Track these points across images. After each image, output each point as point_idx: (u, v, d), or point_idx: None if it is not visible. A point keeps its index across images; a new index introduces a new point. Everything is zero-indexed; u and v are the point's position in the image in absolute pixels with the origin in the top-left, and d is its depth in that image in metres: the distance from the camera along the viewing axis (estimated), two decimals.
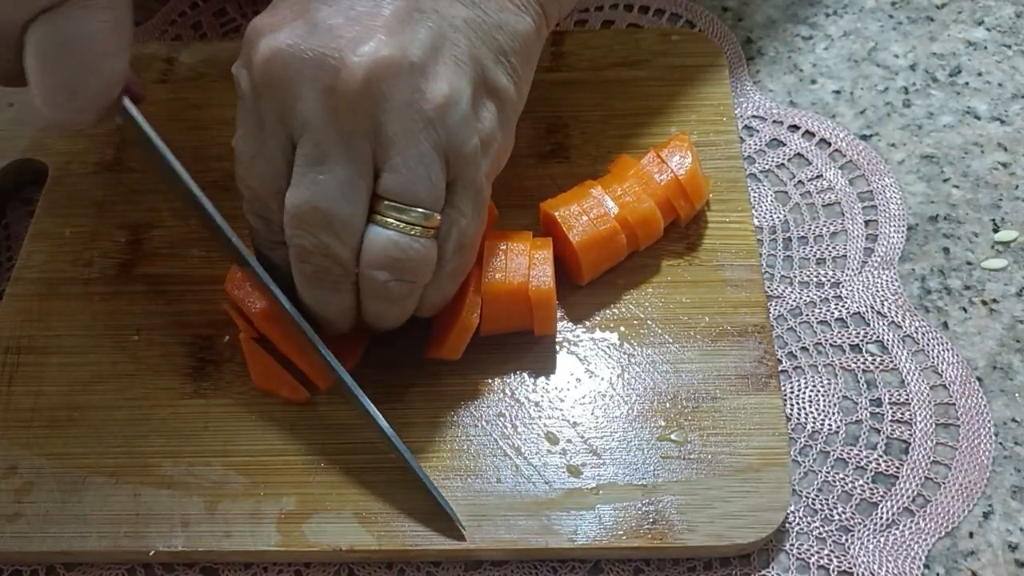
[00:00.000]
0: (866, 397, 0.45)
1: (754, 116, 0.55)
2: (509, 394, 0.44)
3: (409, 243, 0.38)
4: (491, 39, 0.39)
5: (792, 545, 0.42)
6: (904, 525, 0.42)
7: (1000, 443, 0.44)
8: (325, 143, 0.37)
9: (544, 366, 0.45)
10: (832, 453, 0.44)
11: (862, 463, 0.43)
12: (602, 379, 0.44)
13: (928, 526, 0.41)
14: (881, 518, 0.42)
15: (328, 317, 0.41)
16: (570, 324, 0.46)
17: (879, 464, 0.43)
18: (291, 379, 0.44)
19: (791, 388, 0.45)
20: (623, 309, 0.46)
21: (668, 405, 0.43)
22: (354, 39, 0.36)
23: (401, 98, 0.37)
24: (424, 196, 0.38)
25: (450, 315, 0.43)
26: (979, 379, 0.45)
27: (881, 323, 0.47)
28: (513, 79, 0.41)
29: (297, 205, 0.37)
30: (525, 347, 0.45)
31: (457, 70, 0.38)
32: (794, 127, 0.54)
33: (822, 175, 0.52)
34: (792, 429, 0.44)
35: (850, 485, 0.43)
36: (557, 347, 0.45)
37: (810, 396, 0.45)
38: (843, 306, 0.48)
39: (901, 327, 0.47)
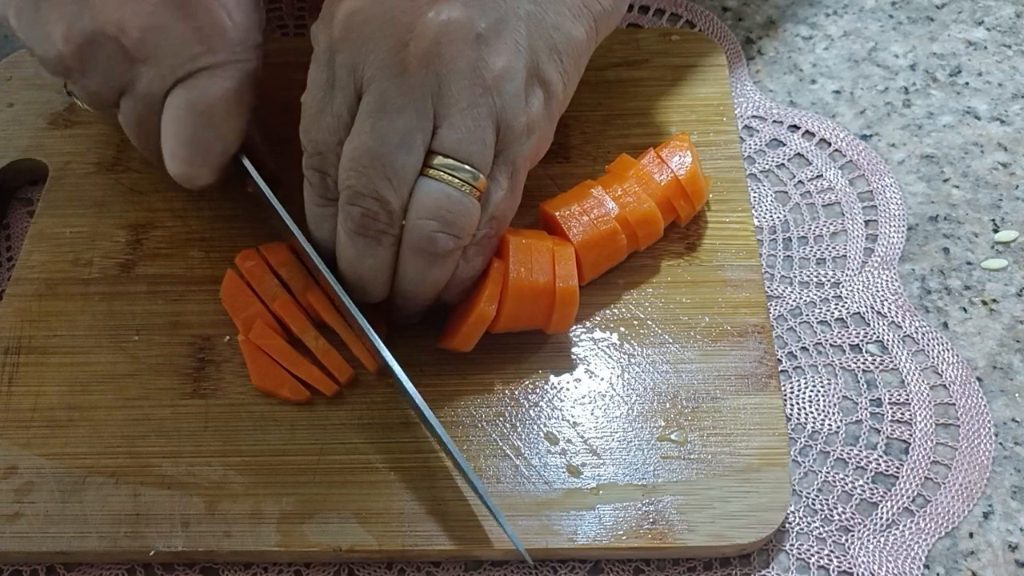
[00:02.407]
0: (866, 397, 0.45)
1: (754, 116, 0.55)
2: (509, 394, 0.44)
3: (460, 197, 0.39)
4: (547, 36, 0.41)
5: (792, 545, 0.42)
6: (904, 525, 0.42)
7: (1000, 443, 0.44)
8: (389, 94, 0.39)
9: (544, 366, 0.45)
10: (832, 453, 0.44)
11: (862, 463, 0.43)
12: (602, 379, 0.44)
13: (928, 526, 0.41)
14: (881, 518, 0.42)
15: (364, 275, 0.42)
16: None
17: (879, 464, 0.43)
18: (291, 379, 0.44)
19: (791, 388, 0.45)
20: (623, 309, 0.46)
21: (668, 405, 0.43)
22: (429, 3, 0.39)
23: (465, 62, 0.39)
24: (476, 156, 0.40)
25: (468, 305, 0.43)
26: (979, 379, 0.45)
27: (881, 323, 0.47)
28: (563, 77, 0.43)
29: (356, 148, 0.39)
30: (525, 347, 0.45)
31: (515, 51, 0.40)
32: (794, 127, 0.54)
33: (822, 175, 0.52)
34: (792, 429, 0.44)
35: (850, 485, 0.43)
36: (557, 347, 0.45)
37: (810, 396, 0.45)
38: (843, 306, 0.48)
39: (901, 327, 0.47)
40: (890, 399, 0.45)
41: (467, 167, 0.39)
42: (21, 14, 0.43)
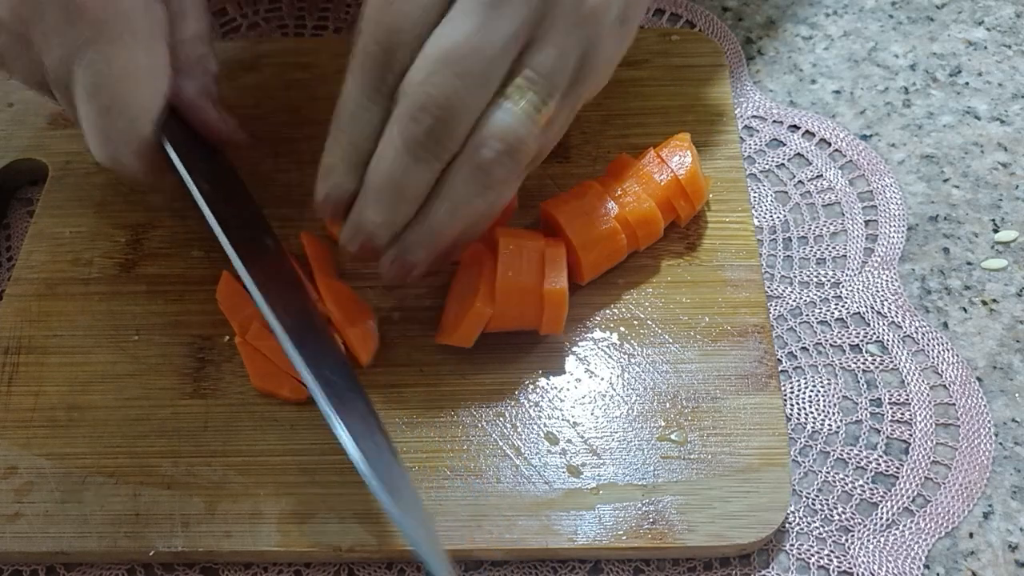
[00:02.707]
0: (866, 397, 0.45)
1: (754, 116, 0.55)
2: (509, 394, 0.44)
3: (530, 125, 0.37)
4: None
5: (792, 545, 0.42)
6: (904, 525, 0.42)
7: (1000, 443, 0.44)
8: None
9: (544, 366, 0.45)
10: (832, 453, 0.44)
11: (862, 463, 0.43)
12: (602, 379, 0.44)
13: (928, 526, 0.42)
14: (881, 518, 0.42)
15: (407, 192, 0.38)
16: (570, 324, 0.46)
17: (879, 464, 0.43)
18: (291, 379, 0.44)
19: (791, 388, 0.45)
20: (623, 309, 0.46)
21: (668, 405, 0.43)
22: None
23: None
24: (556, 83, 0.37)
25: (464, 303, 0.43)
26: (979, 379, 0.45)
27: (881, 323, 0.47)
28: (633, 25, 0.41)
29: (455, 40, 0.35)
30: (525, 347, 0.45)
31: None
32: (794, 127, 0.54)
33: (822, 175, 0.52)
34: (792, 429, 0.44)
35: (850, 485, 0.43)
36: (557, 347, 0.45)
37: (810, 396, 0.45)
38: (843, 306, 0.48)
39: (901, 327, 0.47)
40: (890, 399, 0.45)
41: (544, 92, 0.37)
42: None
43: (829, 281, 0.48)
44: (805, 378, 0.46)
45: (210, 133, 0.44)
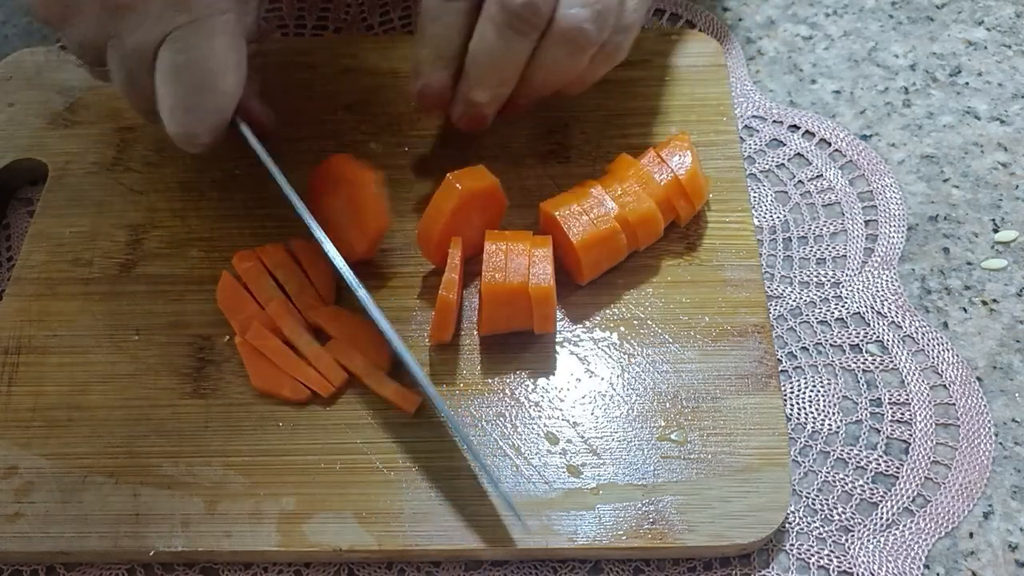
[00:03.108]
0: (866, 397, 0.45)
1: (754, 116, 0.55)
2: (509, 394, 0.44)
3: None
4: None
5: (792, 545, 0.42)
6: (904, 525, 0.42)
7: (1000, 443, 0.44)
8: None
9: (544, 366, 0.45)
10: (832, 453, 0.44)
11: (862, 463, 0.43)
12: (602, 379, 0.44)
13: (928, 526, 0.41)
14: (881, 518, 0.42)
15: (506, 70, 0.43)
16: (570, 324, 0.46)
17: (879, 464, 0.43)
18: (291, 379, 0.44)
19: (791, 388, 0.45)
20: (623, 309, 0.46)
21: (668, 405, 0.43)
22: None
23: None
24: None
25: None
26: (979, 379, 0.45)
27: (881, 323, 0.47)
28: None
29: None
30: (525, 347, 0.45)
31: None
32: (794, 127, 0.54)
33: (822, 175, 0.52)
34: (792, 429, 0.44)
35: (850, 485, 0.43)
36: (557, 347, 0.45)
37: (810, 396, 0.45)
38: (843, 306, 0.48)
39: (901, 327, 0.47)
40: (890, 399, 0.45)
41: None
42: None
43: (829, 281, 0.48)
44: (805, 378, 0.46)
45: (255, 122, 0.47)
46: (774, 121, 0.54)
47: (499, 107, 0.46)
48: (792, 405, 0.45)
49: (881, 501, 0.42)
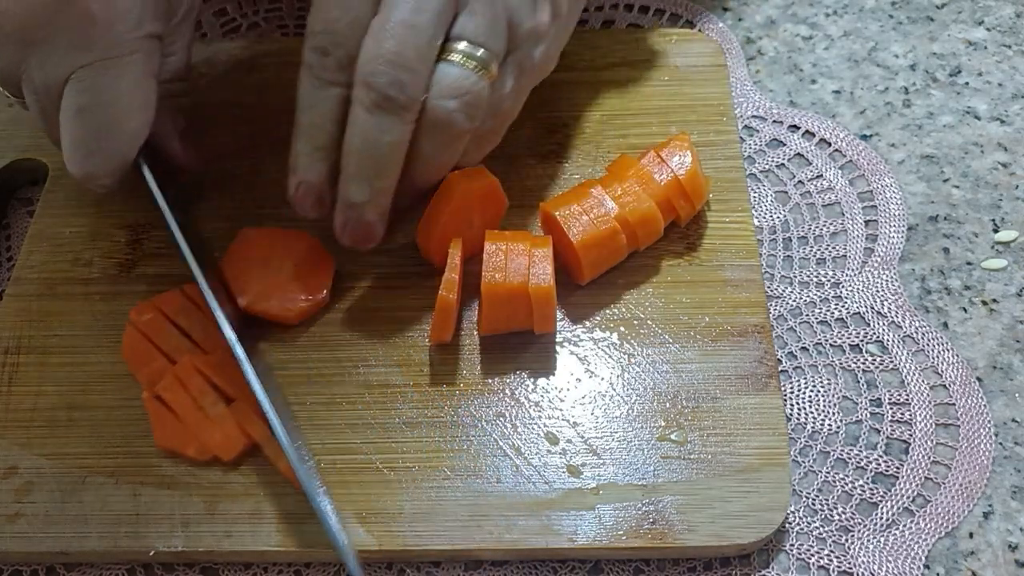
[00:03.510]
0: (866, 397, 0.45)
1: (754, 116, 0.55)
2: (509, 394, 0.44)
3: (477, 79, 0.41)
4: None
5: (792, 545, 0.42)
6: (904, 525, 0.42)
7: (1000, 443, 0.44)
8: None
9: (544, 366, 0.45)
10: (832, 453, 0.44)
11: (862, 463, 0.43)
12: (602, 379, 0.44)
13: (928, 526, 0.41)
14: (881, 518, 0.42)
15: (383, 154, 0.42)
16: (570, 324, 0.46)
17: (879, 464, 0.43)
18: (196, 439, 0.42)
19: (791, 388, 0.45)
20: (623, 309, 0.46)
21: (668, 405, 0.43)
22: None
23: None
24: (492, 44, 0.42)
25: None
26: (979, 379, 0.45)
27: (881, 323, 0.47)
28: (566, 2, 0.46)
29: (390, 17, 0.40)
30: (525, 347, 0.45)
31: None
32: (794, 127, 0.54)
33: (822, 175, 0.52)
34: (792, 429, 0.44)
35: (850, 485, 0.43)
36: (557, 347, 0.45)
37: (810, 396, 0.45)
38: (843, 306, 0.48)
39: (901, 327, 0.47)
40: (890, 399, 0.45)
41: (482, 52, 0.41)
42: None
43: (829, 281, 0.48)
44: (805, 378, 0.46)
45: (173, 160, 0.47)
46: (774, 121, 0.54)
47: (382, 213, 0.43)
48: (792, 405, 0.45)
49: (881, 501, 0.42)
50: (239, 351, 0.41)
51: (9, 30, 0.40)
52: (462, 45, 0.41)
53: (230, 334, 0.42)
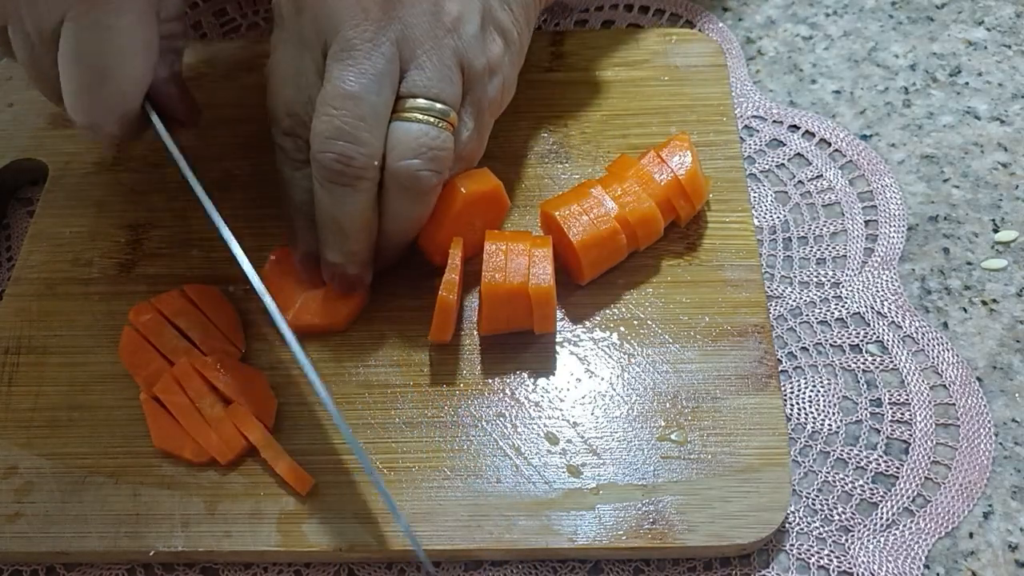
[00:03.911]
0: (866, 397, 0.45)
1: (754, 116, 0.55)
2: (509, 394, 0.44)
3: (436, 133, 0.41)
4: None
5: (792, 545, 0.42)
6: (904, 525, 0.42)
7: (1000, 443, 0.44)
8: (355, 40, 0.40)
9: (544, 366, 0.45)
10: (832, 453, 0.44)
11: (862, 463, 0.43)
12: (602, 379, 0.44)
13: (928, 526, 0.41)
14: (881, 518, 0.42)
15: (344, 224, 0.42)
16: (570, 324, 0.46)
17: (879, 464, 0.43)
18: (192, 440, 0.42)
19: (791, 388, 0.45)
20: (623, 309, 0.46)
21: (668, 405, 0.43)
22: None
23: (425, 6, 0.41)
24: (446, 94, 0.41)
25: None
26: (979, 379, 0.45)
27: (881, 323, 0.47)
28: (515, 26, 0.45)
29: (325, 92, 0.40)
30: (525, 347, 0.45)
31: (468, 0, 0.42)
32: (794, 127, 0.54)
33: (822, 175, 0.52)
34: (792, 429, 0.44)
35: (850, 485, 0.43)
36: (557, 347, 0.45)
37: (810, 396, 0.45)
38: (843, 306, 0.48)
39: (901, 327, 0.47)
40: (890, 399, 0.45)
41: (438, 104, 0.41)
42: None
43: (829, 281, 0.48)
44: (805, 378, 0.46)
45: (175, 109, 0.46)
46: (774, 121, 0.54)
47: (363, 267, 0.44)
48: (792, 405, 0.45)
49: (881, 501, 0.42)
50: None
51: None
52: (417, 102, 0.41)
53: (251, 274, 0.40)
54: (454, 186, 0.44)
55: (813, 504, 0.42)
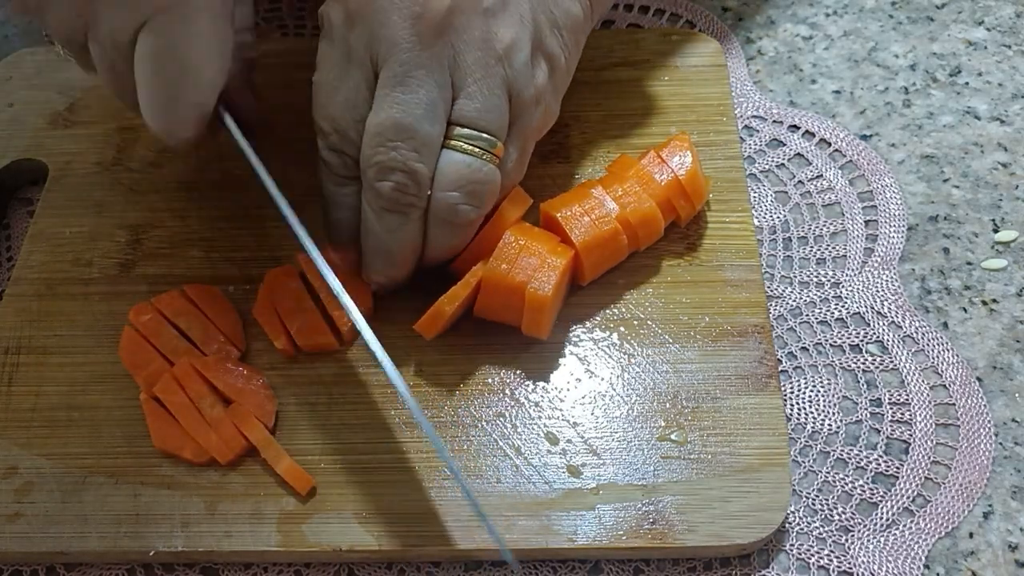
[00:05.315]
0: (866, 397, 0.45)
1: (754, 116, 0.55)
2: (509, 394, 0.44)
3: (480, 166, 0.41)
4: (548, 11, 0.43)
5: (792, 545, 0.42)
6: (904, 525, 0.42)
7: (1000, 443, 0.44)
8: (409, 65, 0.40)
9: (544, 366, 0.45)
10: (832, 453, 0.44)
11: (862, 463, 0.43)
12: (602, 379, 0.44)
13: (928, 526, 0.41)
14: (881, 518, 0.42)
15: (394, 250, 0.42)
16: (570, 324, 0.46)
17: (879, 464, 0.43)
18: (192, 441, 0.42)
19: (791, 388, 0.45)
20: (623, 309, 0.46)
21: (668, 405, 0.43)
22: None
23: (477, 33, 0.40)
24: (494, 125, 0.41)
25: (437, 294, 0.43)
26: (979, 379, 0.45)
27: (881, 323, 0.47)
28: (564, 51, 0.45)
29: (382, 121, 0.40)
30: (525, 347, 0.45)
31: (520, 25, 0.42)
32: (794, 127, 0.54)
33: (822, 175, 0.52)
34: (792, 429, 0.44)
35: (850, 485, 0.43)
36: (557, 347, 0.45)
37: (810, 396, 0.45)
38: (843, 306, 0.48)
39: (901, 327, 0.47)
40: (890, 399, 0.45)
41: (485, 135, 0.41)
42: None
43: (829, 281, 0.48)
44: (805, 378, 0.46)
45: (245, 115, 0.45)
46: (774, 121, 0.54)
47: (405, 280, 0.45)
48: (792, 405, 0.45)
49: (881, 501, 0.42)
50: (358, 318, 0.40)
51: None
52: (464, 131, 0.41)
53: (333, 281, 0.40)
54: (502, 217, 0.44)
55: (813, 504, 0.42)
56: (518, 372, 0.45)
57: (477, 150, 0.41)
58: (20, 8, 0.41)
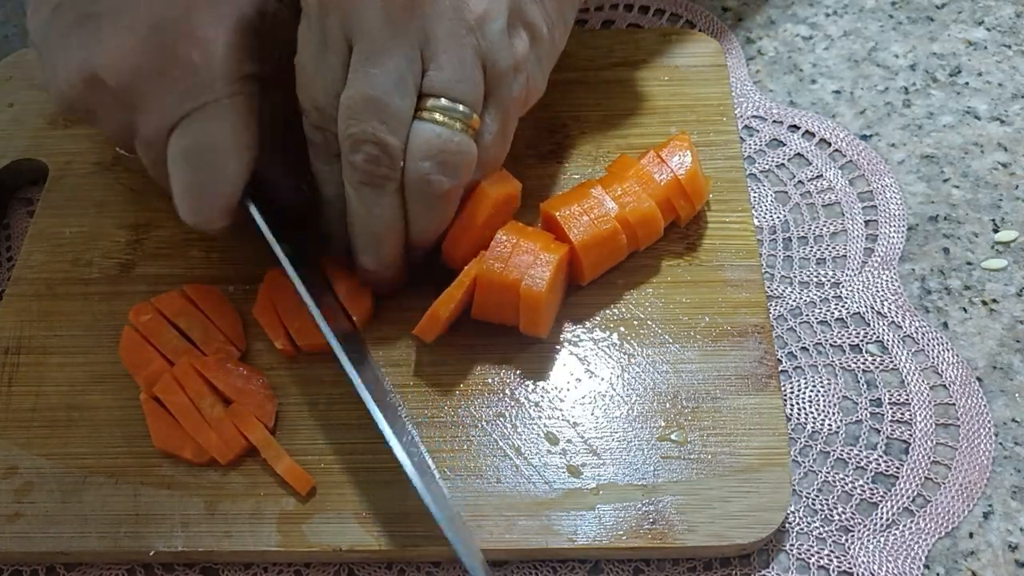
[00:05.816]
0: (866, 397, 0.45)
1: (754, 116, 0.55)
2: (509, 394, 0.44)
3: (451, 135, 0.40)
4: None
5: (792, 545, 0.42)
6: (904, 525, 0.42)
7: (1000, 443, 0.44)
8: (379, 42, 0.40)
9: (544, 366, 0.45)
10: (832, 453, 0.44)
11: (862, 463, 0.43)
12: (602, 379, 0.44)
13: (928, 526, 0.42)
14: (881, 518, 0.42)
15: (375, 228, 0.42)
16: (570, 324, 0.46)
17: (879, 464, 0.43)
18: (193, 441, 0.42)
19: (791, 388, 0.45)
20: (623, 309, 0.46)
21: (668, 405, 0.43)
22: None
23: (448, 3, 0.40)
24: (467, 94, 0.41)
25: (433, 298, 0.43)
26: (979, 379, 0.45)
27: (881, 323, 0.47)
28: (546, 20, 0.44)
29: (351, 96, 0.40)
30: (525, 347, 0.45)
31: None
32: (794, 127, 0.54)
33: (822, 175, 0.52)
34: (792, 429, 0.44)
35: (850, 485, 0.43)
36: (557, 347, 0.45)
37: (810, 396, 0.45)
38: (843, 306, 0.48)
39: (901, 327, 0.47)
40: (890, 399, 0.45)
41: (459, 106, 0.40)
42: (40, 51, 0.43)
43: (829, 281, 0.48)
44: (805, 378, 0.46)
45: (279, 200, 0.46)
46: (774, 121, 0.54)
47: (397, 269, 0.45)
48: (792, 405, 0.45)
49: (881, 501, 0.42)
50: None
51: (117, 88, 0.41)
52: (439, 102, 0.40)
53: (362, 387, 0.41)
54: (483, 193, 0.43)
55: (813, 504, 0.42)
56: (518, 372, 0.45)
57: (449, 120, 0.40)
58: (76, 120, 0.44)
